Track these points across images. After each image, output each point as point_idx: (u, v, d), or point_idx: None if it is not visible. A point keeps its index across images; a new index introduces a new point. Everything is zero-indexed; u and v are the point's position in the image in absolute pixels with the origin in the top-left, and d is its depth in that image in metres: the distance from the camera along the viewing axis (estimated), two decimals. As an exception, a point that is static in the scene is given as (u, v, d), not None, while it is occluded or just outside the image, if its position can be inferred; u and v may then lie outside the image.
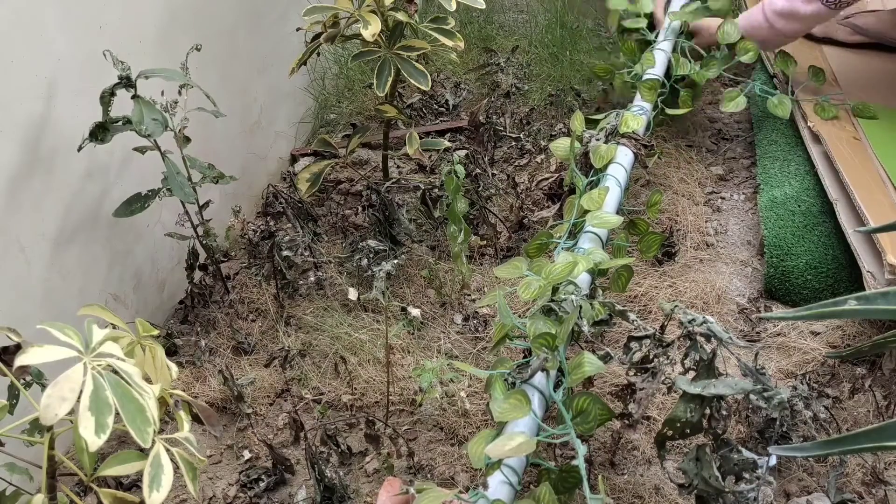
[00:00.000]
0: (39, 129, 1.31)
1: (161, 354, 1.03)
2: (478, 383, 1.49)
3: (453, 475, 1.37)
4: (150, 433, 0.83)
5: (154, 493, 0.84)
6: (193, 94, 1.49)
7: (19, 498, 1.03)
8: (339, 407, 1.50)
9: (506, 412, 1.09)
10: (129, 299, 1.59)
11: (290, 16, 2.06)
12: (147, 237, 1.62)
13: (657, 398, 1.44)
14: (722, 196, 1.92)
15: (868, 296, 1.11)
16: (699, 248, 1.77)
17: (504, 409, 1.10)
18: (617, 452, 1.35)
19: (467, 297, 1.70)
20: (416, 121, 2.27)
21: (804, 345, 1.51)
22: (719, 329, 1.11)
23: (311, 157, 2.12)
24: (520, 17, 2.69)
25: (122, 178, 1.51)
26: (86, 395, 0.79)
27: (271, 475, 1.38)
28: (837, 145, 1.77)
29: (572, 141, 1.65)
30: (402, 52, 1.68)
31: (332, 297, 1.73)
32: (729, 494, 1.05)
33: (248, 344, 1.64)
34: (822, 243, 1.65)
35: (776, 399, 1.09)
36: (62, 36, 1.33)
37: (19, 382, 0.94)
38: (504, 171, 2.04)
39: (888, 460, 1.31)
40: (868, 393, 1.39)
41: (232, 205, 1.78)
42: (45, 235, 1.36)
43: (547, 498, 1.08)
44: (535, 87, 2.32)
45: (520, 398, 1.11)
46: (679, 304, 1.18)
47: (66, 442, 1.22)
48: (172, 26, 1.61)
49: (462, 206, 1.64)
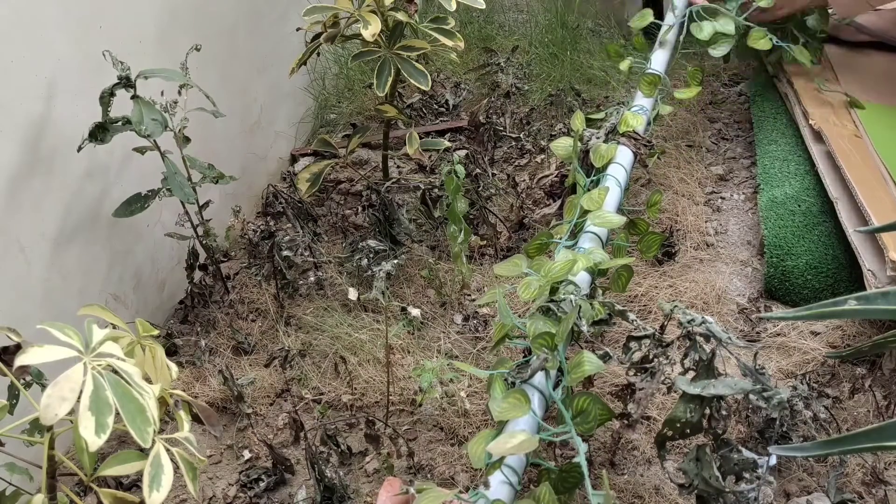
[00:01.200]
0: (39, 130, 1.31)
1: (161, 354, 1.03)
2: (478, 383, 1.49)
3: (453, 475, 1.37)
4: (150, 433, 0.83)
5: (154, 493, 0.84)
6: (193, 94, 1.49)
7: (19, 498, 1.03)
8: (339, 407, 1.51)
9: (505, 411, 1.09)
10: (129, 299, 1.59)
11: (290, 16, 2.06)
12: (147, 237, 1.62)
13: (657, 398, 1.44)
14: (722, 196, 1.92)
15: (868, 296, 1.11)
16: (699, 248, 1.77)
17: (503, 408, 1.10)
18: (617, 452, 1.35)
19: (467, 297, 1.70)
20: (416, 121, 2.27)
21: (804, 345, 1.51)
22: (718, 329, 1.11)
23: (311, 157, 2.12)
24: (520, 17, 2.69)
25: (121, 178, 1.51)
26: (86, 395, 0.79)
27: (271, 475, 1.38)
28: (839, 143, 1.77)
29: (575, 140, 1.65)
30: (402, 52, 1.68)
31: (332, 297, 1.73)
32: (729, 494, 1.05)
33: (248, 344, 1.64)
34: (822, 243, 1.65)
35: (776, 399, 1.09)
36: (62, 36, 1.34)
37: (19, 382, 0.94)
38: (504, 171, 2.04)
39: (888, 460, 1.31)
40: (868, 393, 1.39)
41: (232, 205, 1.78)
42: (45, 235, 1.36)
43: (547, 498, 1.08)
44: (535, 87, 2.32)
45: (519, 397, 1.11)
46: (678, 304, 1.18)
47: (66, 442, 1.22)
48: (172, 26, 1.61)
49: (462, 206, 1.64)
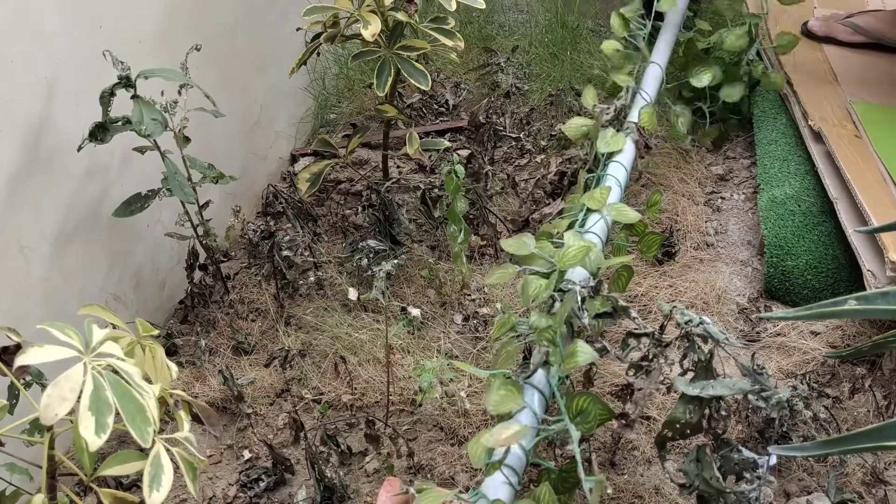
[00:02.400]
0: (39, 129, 1.31)
1: (161, 354, 1.03)
2: (478, 383, 1.49)
3: (453, 475, 1.37)
4: (150, 433, 0.83)
5: (154, 493, 0.84)
6: (193, 94, 1.49)
7: (19, 498, 1.03)
8: (339, 407, 1.50)
9: (498, 405, 1.10)
10: (129, 299, 1.59)
11: (290, 16, 2.06)
12: (147, 237, 1.62)
13: (657, 398, 1.44)
14: (722, 196, 1.92)
15: (868, 296, 1.11)
16: (699, 248, 1.77)
17: (496, 400, 1.11)
18: (617, 452, 1.35)
19: (467, 297, 1.70)
20: (416, 121, 2.27)
21: (804, 345, 1.51)
22: (716, 330, 1.11)
23: (311, 157, 2.12)
24: (520, 17, 2.68)
25: (122, 178, 1.51)
26: (86, 394, 0.79)
27: (271, 475, 1.38)
28: (839, 143, 1.77)
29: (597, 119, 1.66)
30: (402, 52, 1.68)
31: (332, 297, 1.73)
32: (730, 494, 1.05)
33: (248, 344, 1.64)
34: (822, 243, 1.65)
35: (774, 399, 1.09)
36: (62, 36, 1.33)
37: (19, 382, 0.94)
38: (504, 170, 2.04)
39: (888, 460, 1.31)
40: (868, 393, 1.39)
41: (232, 205, 1.78)
42: (45, 235, 1.35)
43: (547, 498, 1.08)
44: (535, 87, 2.31)
45: (511, 389, 1.12)
46: (677, 305, 1.18)
47: (66, 442, 1.22)
48: (172, 26, 1.61)
49: (462, 206, 1.64)
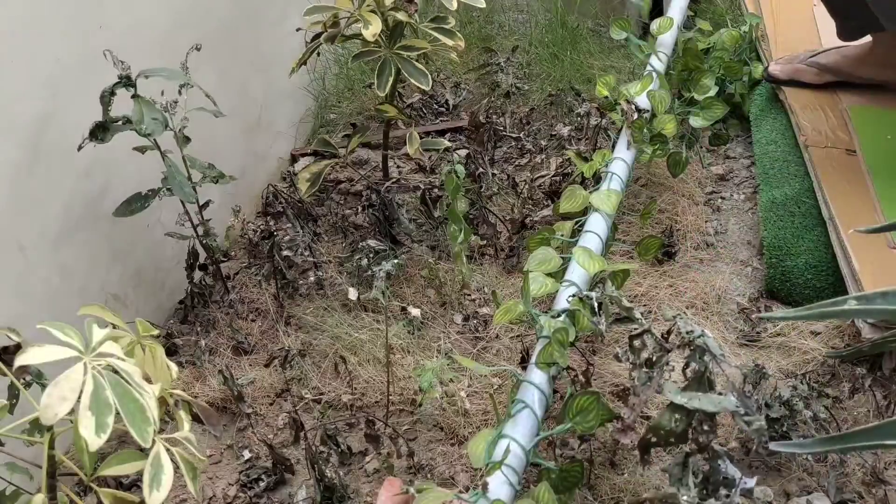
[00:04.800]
0: (39, 129, 1.31)
1: (161, 354, 1.03)
2: (478, 383, 1.49)
3: (453, 475, 1.37)
4: (150, 433, 0.83)
5: (154, 493, 0.84)
6: (193, 94, 1.49)
7: (19, 498, 1.03)
8: (339, 407, 1.50)
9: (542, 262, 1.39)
10: (129, 299, 1.59)
11: (290, 16, 2.06)
12: (147, 237, 1.62)
13: (658, 398, 1.43)
14: (722, 196, 1.92)
15: (868, 296, 1.11)
16: (699, 248, 1.77)
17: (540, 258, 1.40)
18: (617, 452, 1.35)
19: (467, 296, 1.70)
20: (416, 121, 2.27)
21: (804, 345, 1.51)
22: (714, 345, 1.11)
23: (311, 157, 2.11)
24: (520, 17, 2.68)
25: (122, 177, 1.51)
26: (86, 394, 0.79)
27: (271, 475, 1.38)
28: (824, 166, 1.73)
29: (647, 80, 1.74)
30: (402, 52, 1.68)
31: (332, 296, 1.73)
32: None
33: (248, 344, 1.63)
34: (822, 243, 1.64)
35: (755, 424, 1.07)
36: (62, 36, 1.34)
37: (19, 382, 0.94)
38: (504, 171, 2.04)
39: (888, 460, 1.31)
40: (868, 393, 1.38)
41: (232, 205, 1.78)
42: (45, 235, 1.36)
43: (546, 497, 1.08)
44: (535, 87, 2.31)
45: (546, 252, 1.42)
46: (681, 313, 1.18)
47: (66, 442, 1.22)
48: (172, 26, 1.61)
49: (462, 206, 1.64)
